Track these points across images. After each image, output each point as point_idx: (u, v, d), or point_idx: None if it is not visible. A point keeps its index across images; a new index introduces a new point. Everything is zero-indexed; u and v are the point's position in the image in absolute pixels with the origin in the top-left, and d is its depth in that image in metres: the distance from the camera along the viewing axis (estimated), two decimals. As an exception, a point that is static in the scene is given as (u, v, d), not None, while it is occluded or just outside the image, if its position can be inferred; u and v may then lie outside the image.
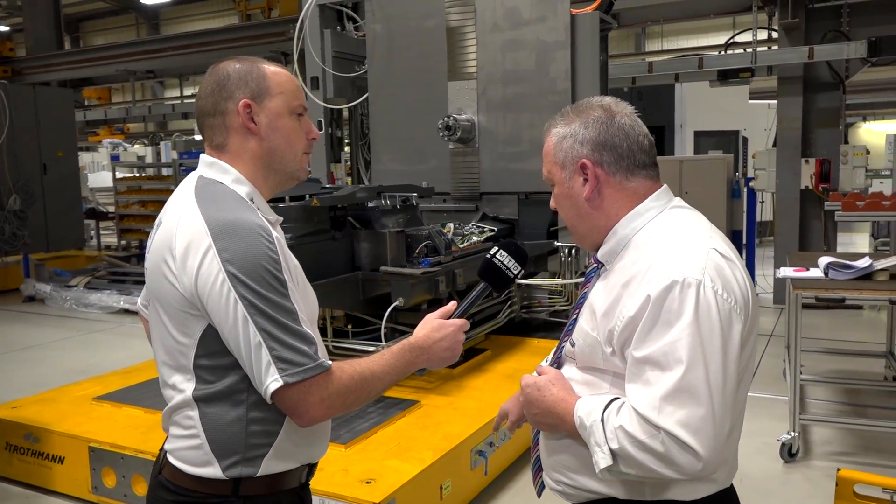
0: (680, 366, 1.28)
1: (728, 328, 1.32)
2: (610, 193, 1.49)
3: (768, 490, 3.82)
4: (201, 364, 1.44)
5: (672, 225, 1.45)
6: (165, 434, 1.60)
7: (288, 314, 1.38)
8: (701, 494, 1.42)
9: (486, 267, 1.71)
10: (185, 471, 1.47)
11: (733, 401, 1.33)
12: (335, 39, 6.30)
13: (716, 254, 1.38)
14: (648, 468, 1.29)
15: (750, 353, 1.45)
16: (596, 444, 1.34)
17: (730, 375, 1.31)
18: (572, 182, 1.50)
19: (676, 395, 1.27)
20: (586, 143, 1.48)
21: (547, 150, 1.55)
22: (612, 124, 1.48)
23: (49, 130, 10.79)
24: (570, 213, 1.55)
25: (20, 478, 3.99)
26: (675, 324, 1.30)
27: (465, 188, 5.81)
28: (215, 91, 1.52)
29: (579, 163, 1.49)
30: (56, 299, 9.13)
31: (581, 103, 1.56)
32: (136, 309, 1.82)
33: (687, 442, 1.26)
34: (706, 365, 1.28)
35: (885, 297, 3.80)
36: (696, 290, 1.31)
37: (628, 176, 1.48)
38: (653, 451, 1.28)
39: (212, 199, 1.44)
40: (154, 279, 1.48)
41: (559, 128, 1.53)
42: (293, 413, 1.41)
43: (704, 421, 1.27)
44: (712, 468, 1.29)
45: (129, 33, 22.76)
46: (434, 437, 3.59)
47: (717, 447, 1.28)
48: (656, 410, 1.28)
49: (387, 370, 1.50)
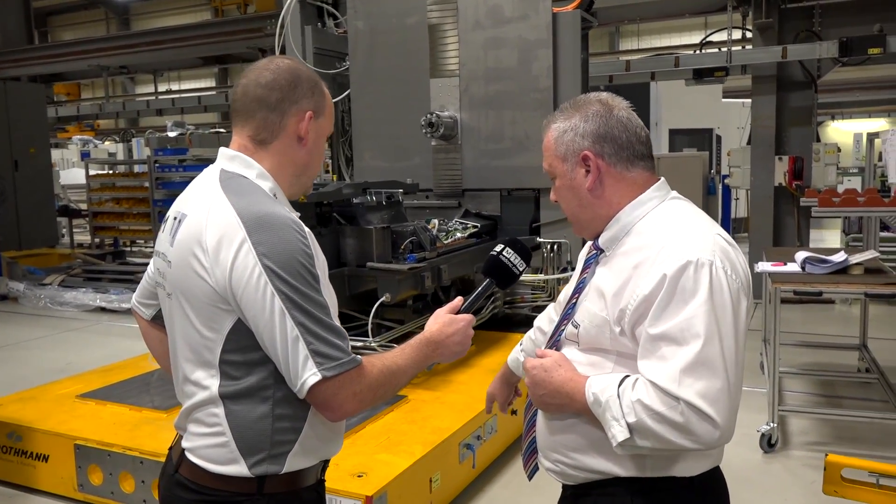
0: (697, 340, 1.33)
1: (738, 305, 1.39)
2: (611, 183, 1.54)
3: (749, 479, 3.90)
4: (228, 360, 1.43)
5: (676, 213, 1.52)
6: (177, 433, 1.58)
7: (322, 309, 1.38)
8: (699, 471, 1.48)
9: (493, 264, 1.74)
10: (208, 469, 1.46)
11: (742, 374, 1.40)
12: (316, 36, 6.28)
13: (721, 238, 1.45)
14: (667, 440, 1.33)
15: (745, 336, 1.50)
16: (613, 418, 1.37)
17: (740, 350, 1.39)
18: (574, 174, 1.55)
19: (695, 368, 1.32)
20: (587, 136, 1.53)
21: (547, 144, 1.60)
22: (611, 117, 1.53)
23: (20, 127, 10.62)
24: (572, 203, 1.60)
25: (2, 477, 3.93)
26: (690, 301, 1.35)
27: (448, 185, 5.83)
28: (284, 88, 1.50)
29: (581, 155, 1.53)
30: (30, 298, 8.98)
31: (578, 99, 1.61)
32: (130, 306, 1.80)
33: (706, 412, 1.30)
34: (721, 340, 1.34)
35: (861, 291, 3.91)
36: (709, 270, 1.37)
37: (628, 166, 1.54)
38: (672, 421, 1.32)
39: (241, 193, 1.43)
40: (180, 273, 1.45)
41: (559, 122, 1.58)
42: (326, 407, 1.41)
43: (722, 392, 1.32)
44: (727, 437, 1.35)
45: (98, 28, 22.39)
46: (423, 431, 3.62)
47: (732, 417, 1.34)
48: (676, 382, 1.32)
49: (409, 364, 1.52)
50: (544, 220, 5.58)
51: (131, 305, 1.78)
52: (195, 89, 20.36)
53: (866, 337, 5.39)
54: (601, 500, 1.53)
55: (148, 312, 1.73)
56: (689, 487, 1.48)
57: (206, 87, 21.06)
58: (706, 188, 8.83)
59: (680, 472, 1.46)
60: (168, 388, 4.30)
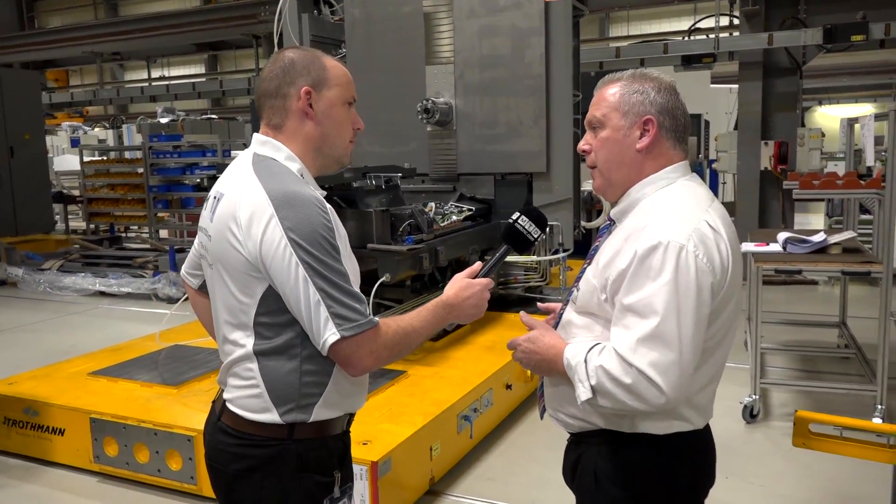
0: (655, 316, 1.48)
1: (703, 289, 1.51)
2: (658, 153, 1.66)
3: (732, 447, 4.11)
4: (261, 321, 1.60)
5: (676, 195, 1.64)
6: (220, 387, 1.74)
7: (341, 276, 1.55)
8: (672, 430, 1.63)
9: (509, 231, 1.87)
10: (245, 417, 1.63)
11: (700, 351, 1.54)
12: (313, 23, 6.39)
13: (705, 225, 1.57)
14: (621, 401, 1.51)
15: (731, 320, 1.64)
16: (579, 380, 1.56)
17: (700, 330, 1.51)
18: (630, 131, 1.65)
19: (650, 340, 1.48)
20: (655, 105, 1.64)
21: (607, 97, 1.68)
22: (678, 99, 1.67)
23: (15, 113, 10.68)
24: (612, 156, 1.68)
25: (19, 450, 4.10)
26: (655, 279, 1.50)
27: (443, 169, 6.00)
28: (279, 75, 1.67)
29: (645, 118, 1.64)
30: (29, 282, 9.10)
31: (644, 71, 1.71)
32: (181, 278, 1.97)
33: (655, 380, 1.47)
34: (679, 318, 1.48)
35: (838, 269, 4.11)
36: (677, 253, 1.50)
37: (675, 144, 1.68)
38: (625, 385, 1.49)
39: (270, 174, 1.60)
40: (218, 245, 1.62)
41: (626, 82, 1.68)
42: (346, 364, 1.58)
43: (671, 364, 1.48)
44: (673, 405, 1.51)
45: (86, 13, 22.25)
46: (423, 404, 3.81)
47: (679, 387, 1.49)
48: (631, 351, 1.49)
49: (424, 325, 1.68)
50: (537, 203, 5.75)
51: (181, 276, 1.95)
52: (185, 76, 20.34)
53: (846, 315, 5.61)
54: (590, 449, 1.72)
55: (195, 282, 1.91)
56: (663, 445, 1.64)
57: (196, 74, 21.04)
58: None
59: (650, 430, 1.63)
60: (176, 366, 4.47)
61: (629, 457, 1.65)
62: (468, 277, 1.78)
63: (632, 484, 1.66)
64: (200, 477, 3.50)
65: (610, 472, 1.67)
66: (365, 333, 1.55)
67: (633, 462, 1.65)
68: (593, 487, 1.69)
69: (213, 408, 1.76)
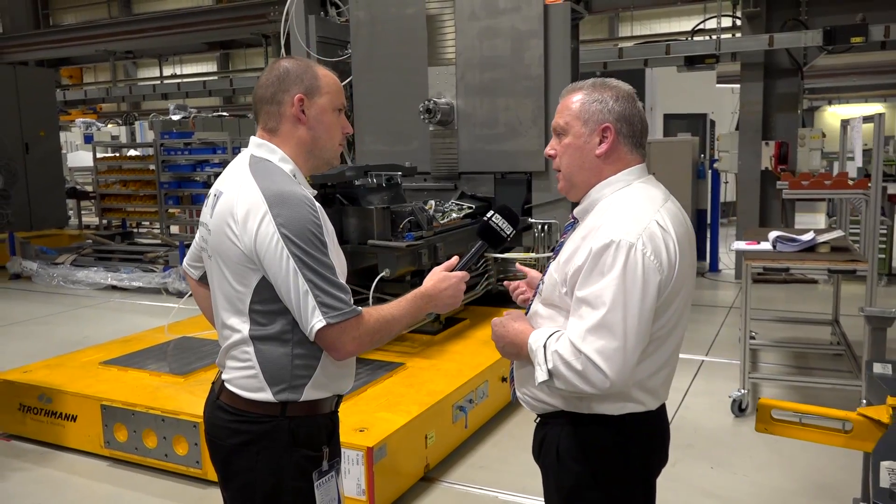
0: (604, 307, 1.63)
1: (649, 284, 1.65)
2: (616, 158, 1.80)
3: (720, 440, 4.25)
4: (255, 309, 1.76)
5: (630, 197, 1.78)
6: (219, 369, 1.90)
7: (328, 269, 1.70)
8: (626, 411, 1.78)
9: (483, 228, 2.02)
10: (242, 395, 1.79)
11: (646, 341, 1.68)
12: (319, 24, 6.56)
13: (655, 224, 1.70)
14: (572, 383, 1.65)
15: (681, 312, 1.78)
16: (538, 363, 1.70)
17: (644, 321, 1.65)
18: (590, 138, 1.80)
19: (598, 329, 1.62)
20: (613, 113, 1.78)
21: (570, 105, 1.82)
22: (635, 106, 1.82)
23: (30, 110, 10.92)
24: (573, 160, 1.83)
25: (33, 436, 4.29)
26: (606, 274, 1.64)
27: (445, 168, 6.15)
28: (275, 83, 1.82)
29: (603, 125, 1.79)
30: (43, 276, 9.32)
31: (607, 80, 1.85)
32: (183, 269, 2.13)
33: (600, 365, 1.61)
34: (625, 310, 1.62)
35: (824, 267, 4.24)
36: (627, 251, 1.64)
37: (632, 149, 1.82)
38: (575, 369, 1.63)
39: (265, 174, 1.76)
40: (217, 239, 1.78)
41: (588, 92, 1.82)
42: (331, 348, 1.74)
43: (616, 352, 1.61)
44: (618, 388, 1.64)
45: (100, 11, 22.52)
46: (419, 394, 3.96)
47: (623, 373, 1.62)
48: (581, 339, 1.63)
49: (404, 314, 1.84)
50: (536, 201, 5.90)
51: (183, 268, 2.12)
52: (197, 74, 20.58)
53: (839, 313, 5.73)
54: (553, 429, 1.87)
55: (196, 273, 2.07)
56: (618, 425, 1.78)
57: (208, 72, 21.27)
58: (695, 172, 9.09)
59: (606, 411, 1.78)
60: (184, 357, 4.65)
61: (588, 436, 1.80)
62: (445, 271, 1.93)
63: (590, 460, 1.80)
64: (205, 461, 3.67)
65: (571, 450, 1.81)
66: (349, 321, 1.70)
67: (591, 440, 1.80)
68: (556, 463, 1.84)
69: (212, 388, 1.92)
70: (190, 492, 3.72)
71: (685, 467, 3.88)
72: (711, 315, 7.15)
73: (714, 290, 8.56)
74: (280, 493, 1.77)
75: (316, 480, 1.79)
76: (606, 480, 1.81)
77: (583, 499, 1.83)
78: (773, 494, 3.61)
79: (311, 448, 1.80)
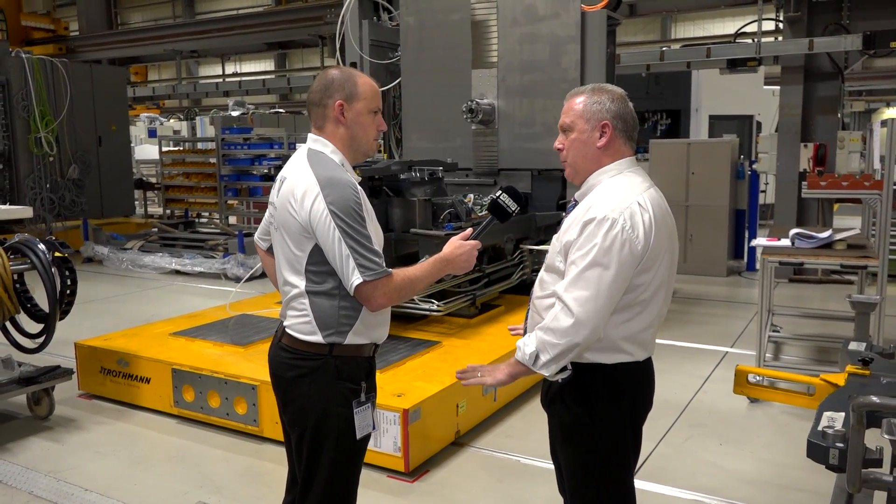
0: (584, 265, 2.02)
1: (624, 250, 2.02)
2: (613, 150, 2.19)
3: (733, 422, 4.54)
4: (310, 269, 2.19)
5: (619, 183, 2.16)
6: (280, 319, 2.33)
7: (366, 238, 2.13)
8: (617, 361, 2.15)
9: (492, 205, 2.43)
10: (298, 337, 2.22)
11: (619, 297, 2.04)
12: (372, 28, 7.01)
13: (636, 204, 2.08)
14: (551, 330, 2.02)
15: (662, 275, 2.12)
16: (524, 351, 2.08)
17: (618, 282, 2.02)
18: (592, 133, 2.18)
19: (577, 281, 2.02)
20: (611, 112, 2.17)
21: (574, 107, 2.20)
22: (627, 106, 2.21)
23: (104, 105, 11.69)
24: (578, 153, 2.20)
25: (112, 396, 4.85)
26: (591, 241, 2.03)
27: (485, 164, 6.54)
28: (322, 90, 2.26)
29: (603, 122, 2.17)
30: (113, 260, 10.05)
31: (603, 85, 2.25)
32: (254, 242, 2.60)
33: (570, 307, 2.00)
34: (602, 270, 2.01)
35: (837, 263, 4.49)
36: (610, 223, 2.03)
37: (626, 142, 2.20)
38: (548, 324, 2.03)
39: (319, 163, 2.20)
40: (281, 214, 2.22)
41: (588, 95, 2.20)
42: (366, 301, 2.16)
43: (588, 300, 2.00)
44: (583, 328, 2.00)
45: (165, 9, 23.58)
46: (453, 368, 4.26)
47: (588, 319, 1.99)
48: (563, 289, 2.04)
49: (426, 275, 2.26)
50: (569, 196, 6.23)
51: (254, 241, 2.59)
52: (256, 72, 21.39)
53: (864, 310, 5.93)
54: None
55: (264, 245, 2.53)
56: (611, 373, 2.16)
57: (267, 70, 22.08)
58: (735, 173, 9.26)
59: (601, 360, 2.14)
60: (243, 331, 5.15)
61: (586, 381, 2.18)
62: (461, 240, 2.33)
63: (588, 402, 2.18)
64: (262, 420, 4.15)
65: (572, 394, 2.20)
66: (381, 279, 2.13)
67: (589, 385, 2.18)
68: (559, 405, 2.23)
69: (275, 333, 2.37)
70: (248, 446, 4.20)
71: (696, 443, 4.20)
72: (743, 311, 7.37)
73: (750, 288, 8.74)
74: (327, 416, 2.21)
75: (355, 408, 2.22)
76: (601, 420, 2.18)
77: (581, 434, 2.21)
78: (774, 468, 3.91)
79: (352, 382, 2.23)
